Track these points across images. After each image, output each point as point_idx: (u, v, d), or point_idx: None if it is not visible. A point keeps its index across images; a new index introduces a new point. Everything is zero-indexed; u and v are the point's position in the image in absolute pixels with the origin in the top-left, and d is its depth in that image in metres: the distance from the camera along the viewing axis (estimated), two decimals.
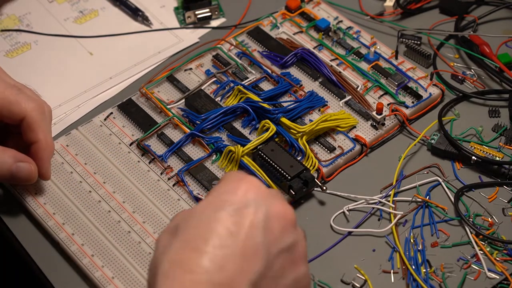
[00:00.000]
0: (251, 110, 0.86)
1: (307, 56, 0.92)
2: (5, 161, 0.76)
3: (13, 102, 0.77)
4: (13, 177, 0.77)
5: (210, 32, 0.99)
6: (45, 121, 0.79)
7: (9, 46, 0.98)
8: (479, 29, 0.98)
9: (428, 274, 0.75)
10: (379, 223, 0.79)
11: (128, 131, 0.87)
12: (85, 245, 0.77)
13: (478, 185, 0.82)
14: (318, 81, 0.91)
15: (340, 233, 0.79)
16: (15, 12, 1.01)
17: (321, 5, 0.99)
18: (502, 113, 0.88)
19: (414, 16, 0.99)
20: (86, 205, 0.81)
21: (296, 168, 0.80)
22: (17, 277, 0.89)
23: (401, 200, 0.81)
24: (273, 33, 0.96)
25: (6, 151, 0.77)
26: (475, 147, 0.84)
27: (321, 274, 0.76)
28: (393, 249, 0.77)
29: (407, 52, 0.94)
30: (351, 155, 0.85)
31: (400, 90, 0.89)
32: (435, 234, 0.78)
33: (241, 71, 0.92)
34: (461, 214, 0.79)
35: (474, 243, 0.77)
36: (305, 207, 0.81)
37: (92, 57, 0.96)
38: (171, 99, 0.90)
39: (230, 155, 0.83)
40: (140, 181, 0.82)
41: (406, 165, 0.84)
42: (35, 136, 0.78)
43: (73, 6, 1.02)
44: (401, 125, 0.87)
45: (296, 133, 0.84)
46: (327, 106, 0.88)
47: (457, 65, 0.93)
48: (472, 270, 0.75)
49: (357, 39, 0.95)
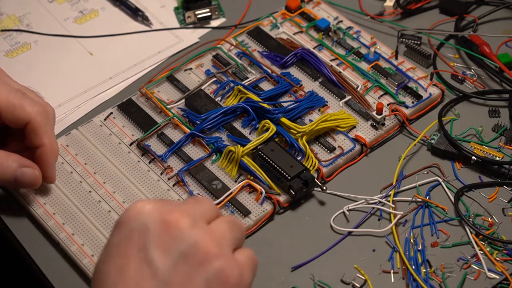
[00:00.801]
0: (251, 110, 0.86)
1: (307, 56, 0.92)
2: (9, 166, 0.76)
3: (18, 106, 0.77)
4: (17, 182, 0.77)
5: (210, 32, 0.99)
6: (50, 125, 0.79)
7: (9, 46, 0.98)
8: (479, 29, 0.97)
9: (428, 274, 0.75)
10: (379, 223, 0.79)
11: (128, 131, 0.87)
12: (85, 245, 0.77)
13: (478, 185, 0.82)
14: (318, 81, 0.91)
15: (340, 233, 0.79)
16: (15, 12, 1.01)
17: (321, 5, 0.99)
18: (502, 113, 0.88)
19: (414, 16, 0.99)
20: (86, 205, 0.81)
21: (296, 168, 0.80)
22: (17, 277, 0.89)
23: (401, 200, 0.81)
24: (273, 33, 0.96)
25: (10, 156, 0.77)
26: (475, 147, 0.84)
27: (321, 274, 0.76)
28: (393, 249, 0.77)
29: (407, 52, 0.94)
30: (351, 155, 0.85)
31: (400, 90, 0.89)
32: (435, 234, 0.78)
33: (241, 71, 0.92)
34: (461, 214, 0.79)
35: (474, 243, 0.77)
36: (305, 207, 0.81)
37: (92, 57, 0.96)
38: (171, 99, 0.90)
39: (230, 155, 0.83)
40: (140, 181, 0.82)
41: (406, 165, 0.84)
42: (40, 141, 0.78)
43: (73, 6, 1.02)
44: (401, 125, 0.87)
45: (296, 133, 0.84)
46: (327, 106, 0.88)
47: (457, 65, 0.93)
48: (472, 270, 0.75)
49: (357, 39, 0.95)
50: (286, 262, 0.77)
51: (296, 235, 0.79)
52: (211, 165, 0.84)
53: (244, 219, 0.79)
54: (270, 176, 0.81)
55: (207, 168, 0.83)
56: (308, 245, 0.78)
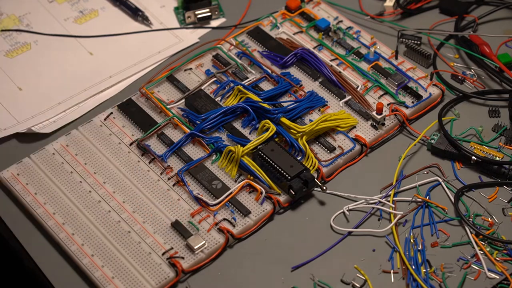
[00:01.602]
0: (251, 110, 0.86)
1: (307, 56, 0.92)
2: None
3: None
4: None
5: (210, 32, 0.99)
6: None
7: (9, 46, 0.98)
8: (479, 29, 0.97)
9: (428, 274, 0.75)
10: (379, 223, 0.79)
11: (128, 131, 0.87)
12: (85, 245, 0.77)
13: (478, 185, 0.82)
14: (318, 81, 0.91)
15: (340, 233, 0.79)
16: (15, 12, 1.01)
17: (321, 5, 0.99)
18: (502, 113, 0.88)
19: (414, 16, 0.99)
20: (86, 205, 0.81)
21: (296, 168, 0.80)
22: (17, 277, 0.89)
23: (401, 200, 0.81)
24: (273, 33, 0.96)
25: None
26: (475, 147, 0.84)
27: (321, 274, 0.76)
28: (393, 249, 0.77)
29: (407, 52, 0.94)
30: (351, 155, 0.85)
31: (400, 90, 0.89)
32: (435, 234, 0.78)
33: (241, 71, 0.92)
34: (461, 214, 0.79)
35: (474, 243, 0.77)
36: (305, 207, 0.81)
37: (92, 57, 0.96)
38: (171, 99, 0.90)
39: (230, 155, 0.83)
40: (140, 181, 0.82)
41: (406, 165, 0.84)
42: None
43: (73, 6, 1.02)
44: (401, 125, 0.87)
45: (296, 133, 0.84)
46: (327, 106, 0.88)
47: (457, 65, 0.93)
48: (472, 270, 0.75)
49: (357, 39, 0.95)
50: (286, 262, 0.77)
51: (296, 235, 0.79)
52: (211, 165, 0.84)
53: (244, 219, 0.79)
54: (270, 176, 0.81)
55: (207, 168, 0.83)
56: (308, 245, 0.78)
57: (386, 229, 0.78)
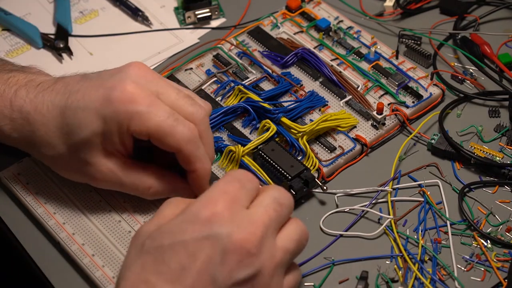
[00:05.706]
0: (252, 110, 0.86)
1: (308, 56, 0.92)
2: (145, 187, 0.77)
3: (168, 134, 0.73)
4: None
5: (210, 32, 0.99)
6: (201, 149, 0.75)
7: (9, 46, 0.97)
8: (480, 29, 0.98)
9: (430, 274, 0.75)
10: (379, 223, 0.79)
11: None
12: (86, 244, 0.77)
13: (478, 185, 0.82)
14: (319, 81, 0.91)
15: (340, 233, 0.79)
16: (15, 12, 1.01)
17: (321, 5, 0.99)
18: (502, 113, 0.88)
19: (414, 16, 0.99)
20: (86, 205, 0.80)
21: (297, 168, 0.80)
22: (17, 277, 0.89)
23: (401, 200, 0.81)
24: (273, 33, 0.96)
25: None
26: (475, 147, 0.84)
27: (321, 274, 0.76)
28: (392, 248, 0.77)
29: (407, 52, 0.94)
30: (352, 155, 0.85)
31: (400, 90, 0.89)
32: (435, 234, 0.78)
33: (241, 71, 0.92)
34: (462, 214, 0.79)
35: (474, 243, 0.77)
36: (306, 207, 0.81)
37: (92, 57, 0.96)
38: None
39: (230, 155, 0.83)
40: None
41: (406, 165, 0.84)
42: (193, 167, 0.75)
43: (73, 6, 1.02)
44: (401, 125, 0.87)
45: (297, 133, 0.84)
46: (328, 106, 0.88)
47: (457, 65, 0.93)
48: (473, 270, 0.75)
49: (358, 39, 0.95)
50: None
51: None
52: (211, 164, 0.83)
53: None
54: (271, 176, 0.81)
55: None
56: (308, 245, 0.78)
57: (379, 231, 0.78)
